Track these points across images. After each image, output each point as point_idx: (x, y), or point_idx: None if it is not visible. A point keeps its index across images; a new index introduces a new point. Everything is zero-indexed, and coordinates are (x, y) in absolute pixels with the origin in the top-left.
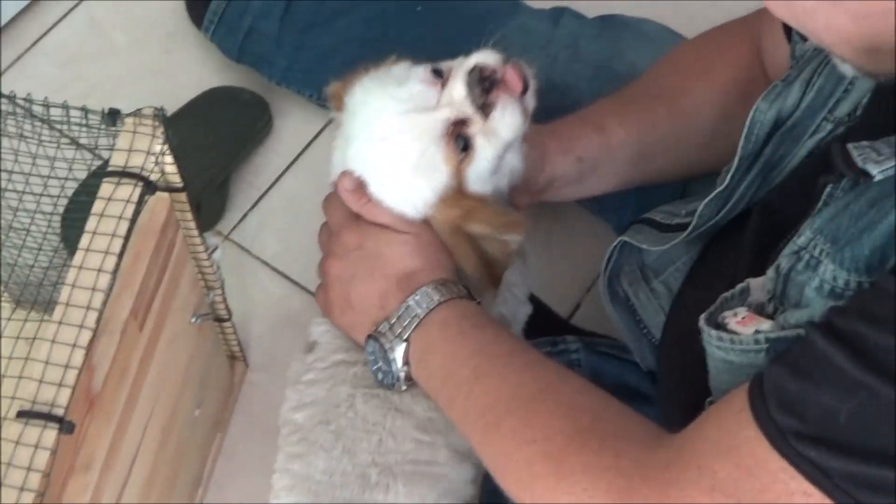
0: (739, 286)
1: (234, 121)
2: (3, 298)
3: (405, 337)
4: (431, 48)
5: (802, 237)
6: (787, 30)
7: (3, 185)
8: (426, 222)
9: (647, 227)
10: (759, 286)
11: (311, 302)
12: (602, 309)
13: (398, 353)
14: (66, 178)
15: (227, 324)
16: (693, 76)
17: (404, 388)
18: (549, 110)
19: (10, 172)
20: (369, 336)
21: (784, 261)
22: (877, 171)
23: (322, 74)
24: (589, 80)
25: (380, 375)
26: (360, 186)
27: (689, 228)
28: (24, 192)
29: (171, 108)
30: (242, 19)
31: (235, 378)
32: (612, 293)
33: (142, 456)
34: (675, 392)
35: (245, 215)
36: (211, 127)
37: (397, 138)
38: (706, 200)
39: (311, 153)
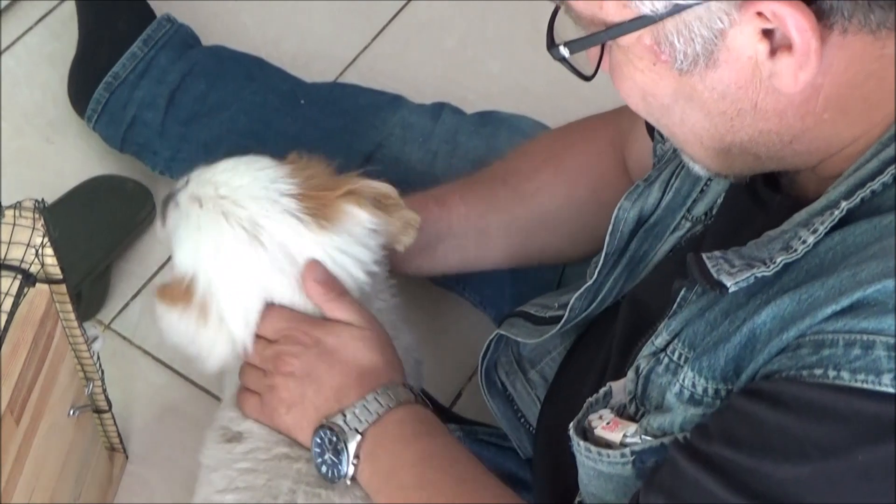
0: (602, 390)
1: (117, 210)
2: None
3: (361, 430)
4: (313, 141)
5: (660, 338)
6: (651, 127)
7: None
8: (374, 317)
9: (521, 321)
10: (620, 388)
11: (193, 392)
12: (482, 397)
13: (352, 445)
14: None
15: (106, 415)
16: (540, 162)
17: (348, 482)
18: None
19: None
20: (321, 426)
21: (643, 362)
22: (731, 283)
23: (206, 164)
24: (466, 174)
25: (324, 468)
26: (331, 278)
27: (562, 322)
28: None
29: (52, 197)
30: (126, 109)
31: (115, 470)
32: (489, 384)
33: None
34: (550, 485)
35: (127, 304)
36: (92, 216)
37: None
38: (577, 294)
39: None
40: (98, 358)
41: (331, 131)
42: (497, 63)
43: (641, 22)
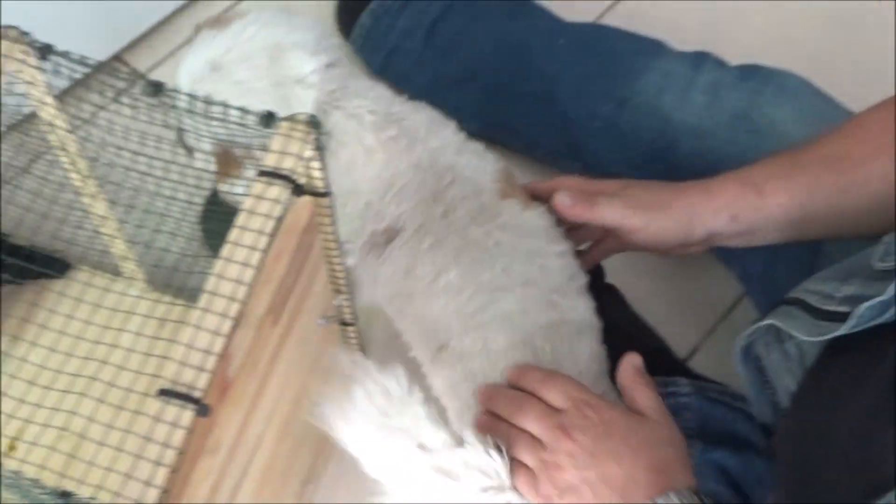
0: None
1: None
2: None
3: None
4: (569, 82)
5: None
6: None
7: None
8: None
9: (798, 311)
10: None
11: None
12: (720, 357)
13: None
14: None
15: (351, 328)
16: (874, 148)
17: None
18: (684, 153)
19: (151, 158)
20: None
21: None
22: None
23: (458, 97)
24: (725, 128)
25: None
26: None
27: (849, 326)
28: (163, 179)
29: None
30: (387, 37)
31: None
32: (745, 353)
33: (262, 446)
34: (790, 478)
35: None
36: None
37: None
38: (868, 304)
39: None
40: (349, 273)
41: (587, 74)
42: (761, 15)
43: None
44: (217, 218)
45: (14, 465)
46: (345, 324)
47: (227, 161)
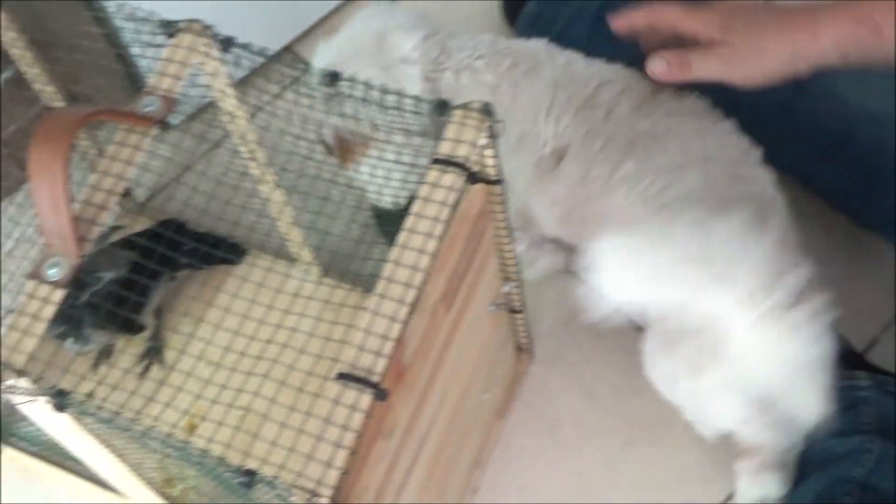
0: None
1: None
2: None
3: None
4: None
5: None
6: None
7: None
8: None
9: None
10: None
11: None
12: None
13: None
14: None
15: (519, 315)
16: None
17: None
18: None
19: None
20: None
21: None
22: None
23: None
24: None
25: None
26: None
27: None
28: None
29: None
30: (554, 23)
31: (520, 368)
32: None
33: (433, 431)
34: None
35: None
36: None
37: None
38: None
39: None
40: (519, 260)
41: None
42: None
43: None
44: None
45: (201, 444)
46: (513, 311)
47: (345, 147)
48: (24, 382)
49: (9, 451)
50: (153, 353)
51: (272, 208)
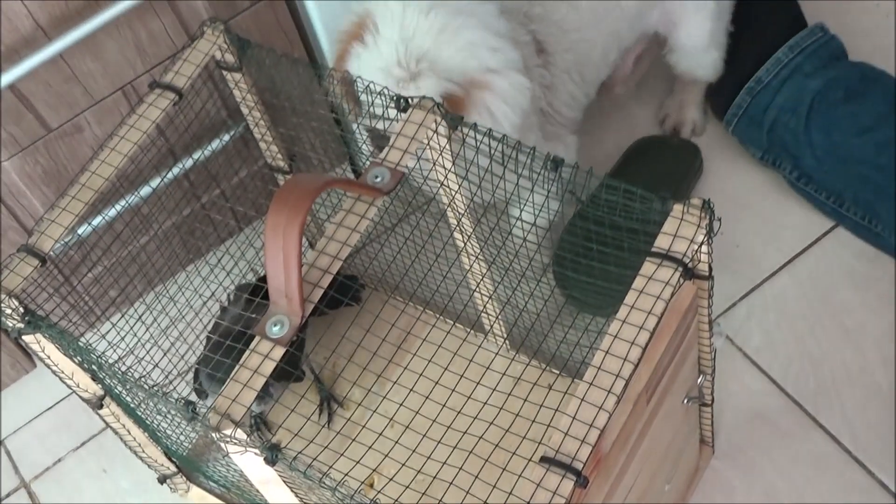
0: None
1: (668, 162)
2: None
3: None
4: None
5: None
6: None
7: (509, 229)
8: None
9: None
10: None
11: (787, 404)
12: None
13: None
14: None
15: (707, 409)
16: None
17: None
18: None
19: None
20: None
21: None
22: None
23: (845, 182)
24: None
25: None
26: None
27: None
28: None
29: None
30: (766, 113)
31: (702, 462)
32: None
33: None
34: None
35: (734, 304)
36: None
37: None
38: None
39: (810, 256)
40: (715, 353)
41: None
42: None
43: None
44: (566, 265)
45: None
46: (703, 404)
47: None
48: (240, 434)
49: (196, 491)
50: (328, 402)
51: (471, 279)
